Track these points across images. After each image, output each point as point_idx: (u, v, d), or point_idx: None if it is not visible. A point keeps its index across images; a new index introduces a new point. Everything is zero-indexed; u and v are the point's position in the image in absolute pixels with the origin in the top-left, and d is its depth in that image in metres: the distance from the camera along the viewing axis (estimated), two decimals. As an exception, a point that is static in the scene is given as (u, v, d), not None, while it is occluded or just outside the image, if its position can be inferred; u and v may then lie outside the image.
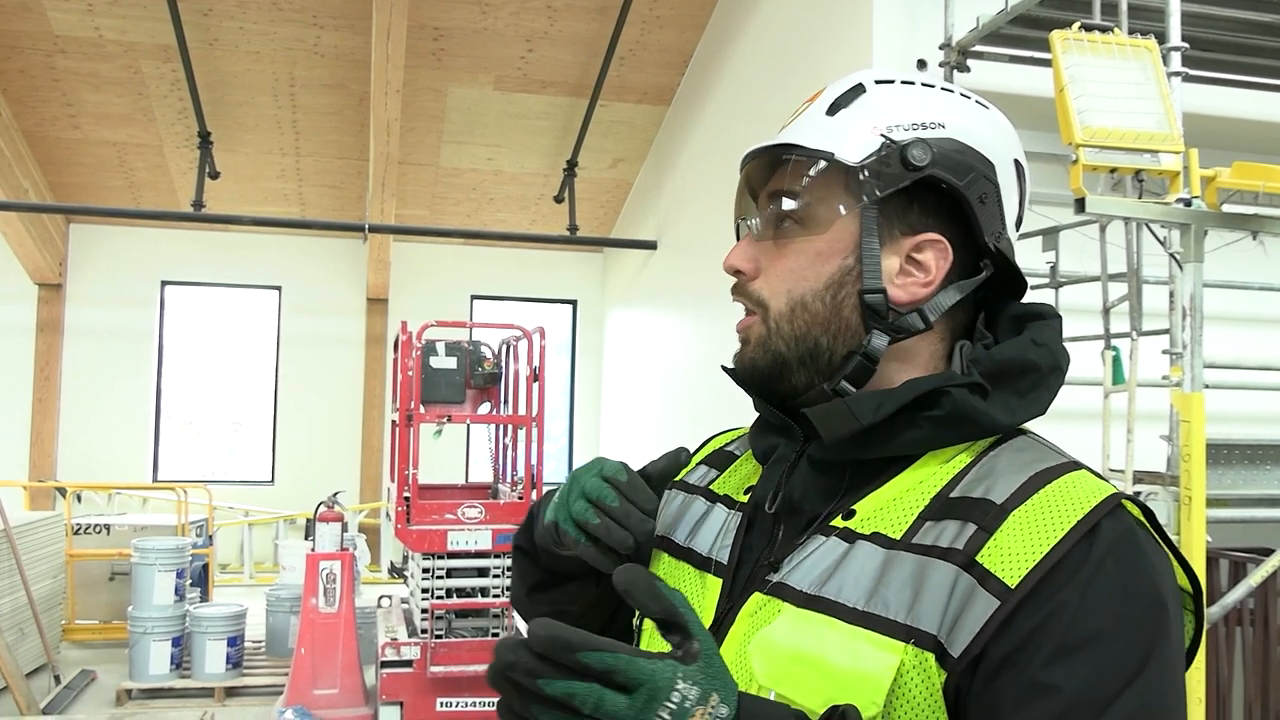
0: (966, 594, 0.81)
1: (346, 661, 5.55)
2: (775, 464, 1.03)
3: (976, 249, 0.98)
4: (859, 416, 0.92)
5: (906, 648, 0.82)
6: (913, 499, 0.91)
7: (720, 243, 7.66)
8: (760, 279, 1.02)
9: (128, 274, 10.98)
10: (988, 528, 0.83)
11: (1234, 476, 4.33)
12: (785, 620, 0.90)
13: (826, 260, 0.97)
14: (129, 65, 8.62)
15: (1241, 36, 5.15)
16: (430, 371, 5.99)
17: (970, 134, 0.97)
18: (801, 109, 1.03)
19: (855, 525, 0.92)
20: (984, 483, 0.88)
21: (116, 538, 7.26)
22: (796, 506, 0.98)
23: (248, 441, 11.78)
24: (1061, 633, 0.78)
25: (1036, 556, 0.80)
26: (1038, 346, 0.96)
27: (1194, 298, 3.36)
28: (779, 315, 0.99)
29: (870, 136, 0.96)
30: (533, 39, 8.61)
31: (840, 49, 6.11)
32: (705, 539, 1.08)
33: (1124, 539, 0.82)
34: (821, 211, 0.97)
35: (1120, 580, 0.80)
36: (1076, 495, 0.84)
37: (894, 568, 0.86)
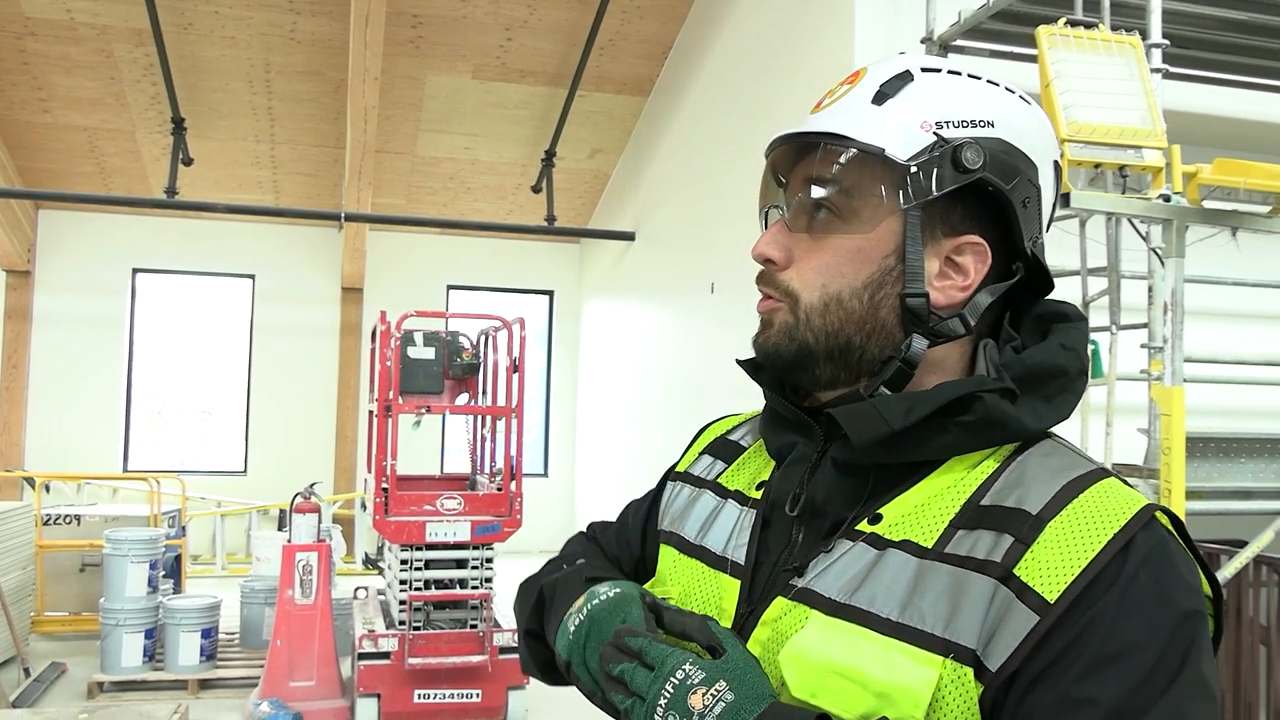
0: (1004, 607, 0.81)
1: (323, 653, 5.51)
2: (794, 463, 1.00)
3: (1011, 250, 0.97)
4: (889, 421, 0.90)
5: (945, 661, 0.81)
6: (941, 505, 0.90)
7: (699, 234, 7.65)
8: (792, 270, 0.98)
9: (98, 261, 10.84)
10: (1024, 540, 0.83)
11: (1209, 469, 4.38)
12: (815, 629, 0.89)
13: (867, 259, 0.94)
14: (101, 49, 8.49)
15: (1221, 34, 5.19)
16: (408, 362, 5.95)
17: (1017, 134, 0.95)
18: (841, 91, 0.99)
19: (883, 531, 0.91)
20: (1015, 491, 0.87)
21: (87, 528, 7.16)
22: (819, 509, 0.96)
23: (219, 431, 11.67)
24: (1097, 646, 0.78)
25: (1074, 571, 0.80)
26: (1066, 351, 0.94)
27: (1175, 293, 3.39)
28: (810, 308, 0.96)
29: (921, 133, 0.93)
30: (512, 28, 8.56)
31: (822, 42, 6.11)
32: (718, 537, 1.05)
33: (1157, 551, 0.82)
34: (865, 208, 0.94)
35: (1154, 592, 0.80)
36: (1110, 507, 0.84)
37: (928, 578, 0.85)
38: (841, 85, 0.99)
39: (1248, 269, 5.26)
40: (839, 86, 0.99)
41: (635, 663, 0.89)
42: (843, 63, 5.76)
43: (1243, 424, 5.06)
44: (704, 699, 0.84)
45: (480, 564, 5.49)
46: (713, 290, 7.78)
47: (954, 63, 0.98)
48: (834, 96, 0.99)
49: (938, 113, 0.93)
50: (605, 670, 0.92)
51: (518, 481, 5.61)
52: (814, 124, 0.97)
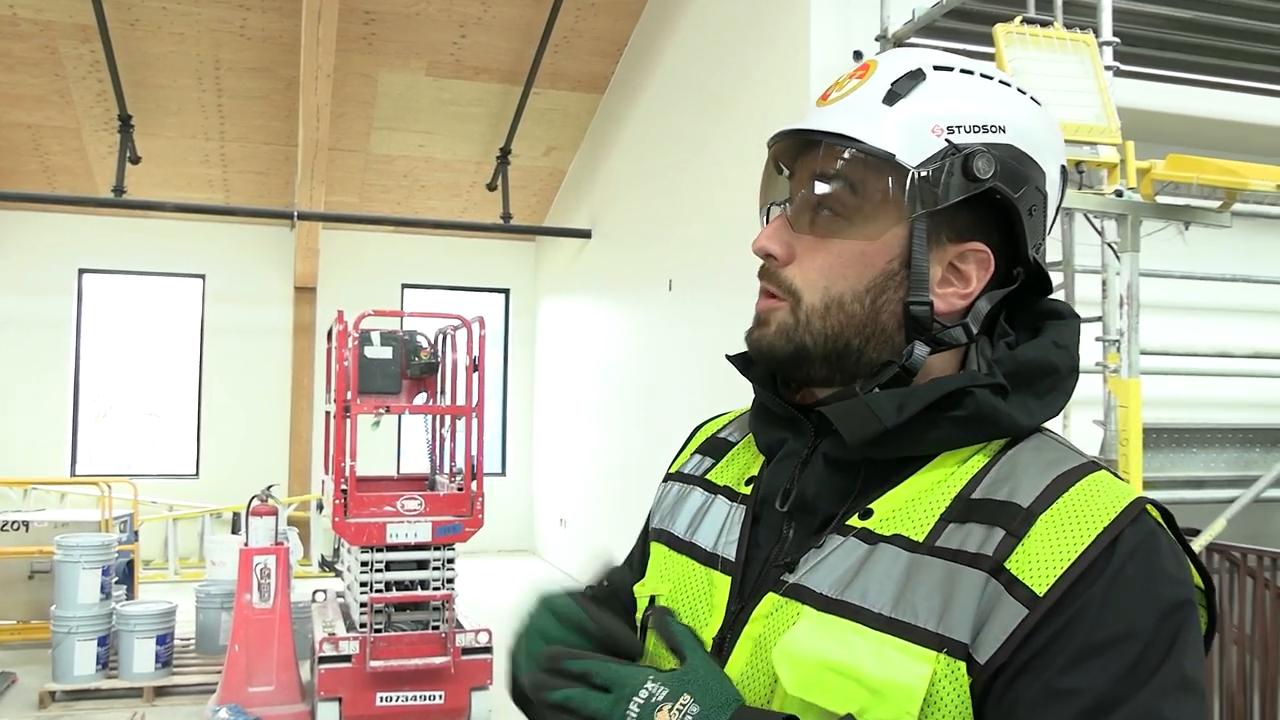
0: (994, 600, 0.81)
1: (282, 657, 5.44)
2: (785, 459, 1.00)
3: (1013, 256, 0.96)
4: (882, 419, 0.89)
5: (939, 656, 0.81)
6: (932, 500, 0.89)
7: (656, 231, 7.65)
8: (794, 266, 0.96)
9: (43, 262, 10.61)
10: (1015, 533, 0.83)
11: (1162, 459, 4.48)
12: (807, 625, 0.88)
13: (870, 263, 0.93)
14: (45, 45, 8.31)
15: (1170, 33, 5.30)
16: (365, 362, 5.89)
17: (1029, 140, 0.94)
18: (849, 85, 0.96)
19: (874, 526, 0.90)
20: (1006, 484, 0.87)
21: (36, 534, 7.01)
22: (810, 505, 0.95)
23: (168, 434, 11.48)
24: (1083, 637, 0.79)
25: (1064, 564, 0.80)
26: (1058, 348, 0.95)
27: (1131, 286, 3.45)
28: (811, 310, 0.95)
29: (931, 137, 0.91)
30: (466, 24, 8.51)
31: (776, 40, 6.14)
32: (708, 533, 1.05)
33: (1145, 544, 0.82)
34: (871, 211, 0.93)
35: (1141, 584, 0.80)
36: (1101, 500, 0.84)
37: (920, 572, 0.85)
38: (851, 78, 0.97)
39: (1194, 262, 5.37)
40: (848, 79, 0.97)
41: (581, 686, 0.87)
42: (798, 59, 5.79)
43: (1194, 414, 5.16)
44: (670, 715, 0.83)
45: (442, 564, 5.45)
46: (670, 287, 7.79)
47: (967, 61, 0.96)
48: (843, 90, 0.96)
49: (949, 116, 0.92)
50: (542, 699, 0.89)
51: (479, 481, 5.57)
52: (822, 120, 0.95)
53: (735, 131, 6.64)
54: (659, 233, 8.10)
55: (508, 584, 9.77)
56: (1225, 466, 4.57)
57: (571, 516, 10.34)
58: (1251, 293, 5.87)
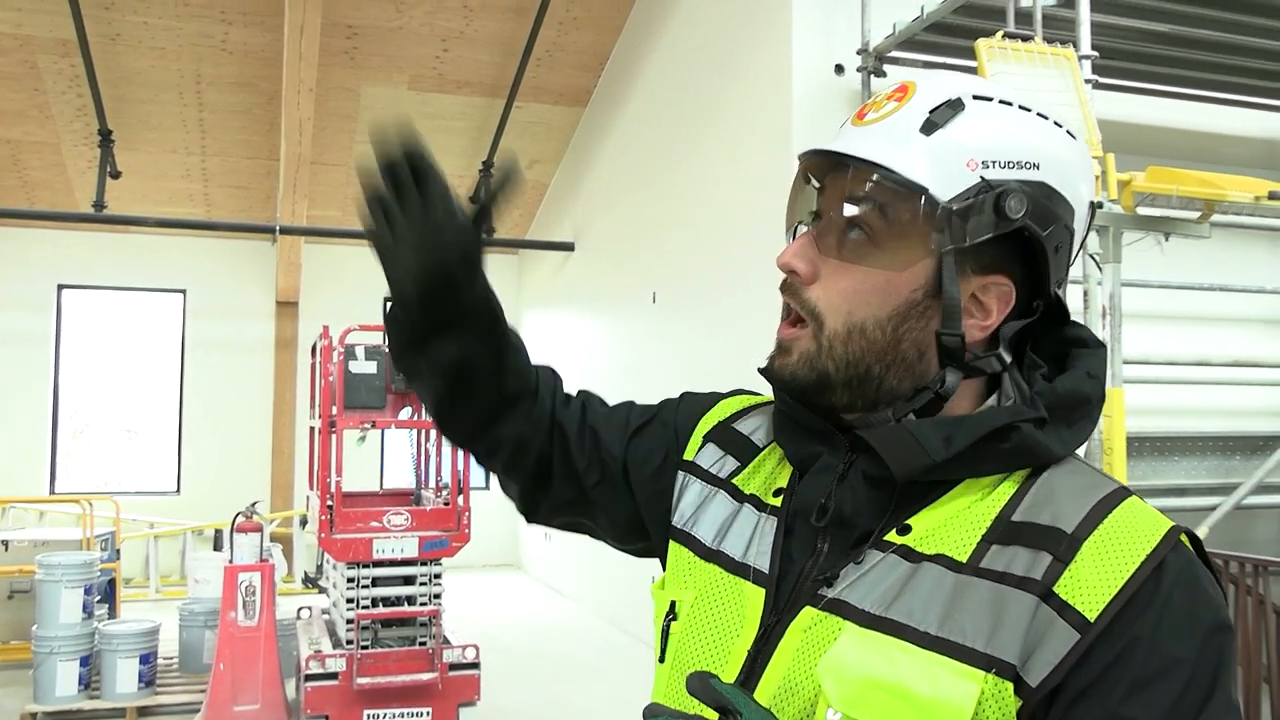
0: (1045, 624, 0.82)
1: (268, 676, 5.40)
2: (820, 474, 1.00)
3: (1034, 288, 0.97)
4: (930, 453, 0.91)
5: (987, 676, 0.83)
6: (970, 520, 0.91)
7: (639, 243, 7.67)
8: (818, 287, 0.97)
9: (22, 277, 10.53)
10: (1062, 558, 0.85)
11: (1145, 467, 4.52)
12: (850, 640, 0.89)
13: (895, 291, 0.94)
14: (25, 59, 8.27)
15: (1148, 47, 5.36)
16: (350, 377, 5.86)
17: (1061, 177, 0.94)
18: (887, 108, 0.96)
19: (914, 543, 0.92)
20: (1047, 508, 0.89)
21: (16, 553, 6.94)
22: (848, 520, 0.96)
23: (148, 451, 11.40)
24: (1139, 665, 0.81)
25: (1113, 590, 0.82)
26: (1091, 379, 0.96)
27: (1113, 296, 3.49)
28: (833, 335, 0.96)
29: (966, 171, 0.91)
30: (448, 39, 8.52)
31: (759, 54, 6.17)
32: (736, 542, 1.05)
33: (1186, 571, 0.85)
34: (900, 242, 0.94)
35: (1187, 611, 0.83)
36: (1140, 527, 0.86)
37: (966, 593, 0.86)
38: (889, 99, 0.97)
39: (1174, 272, 5.43)
40: (885, 100, 0.97)
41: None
42: (780, 73, 5.83)
43: (1175, 423, 5.21)
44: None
45: (429, 580, 5.43)
46: (654, 300, 7.80)
47: (1006, 89, 0.96)
48: (880, 113, 0.96)
49: (985, 150, 0.92)
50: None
51: (465, 496, 5.56)
52: (857, 143, 0.95)
53: (717, 144, 6.67)
54: (642, 246, 8.12)
55: (493, 599, 9.74)
56: (1206, 474, 4.62)
57: (556, 531, 10.29)
58: (1230, 302, 5.94)
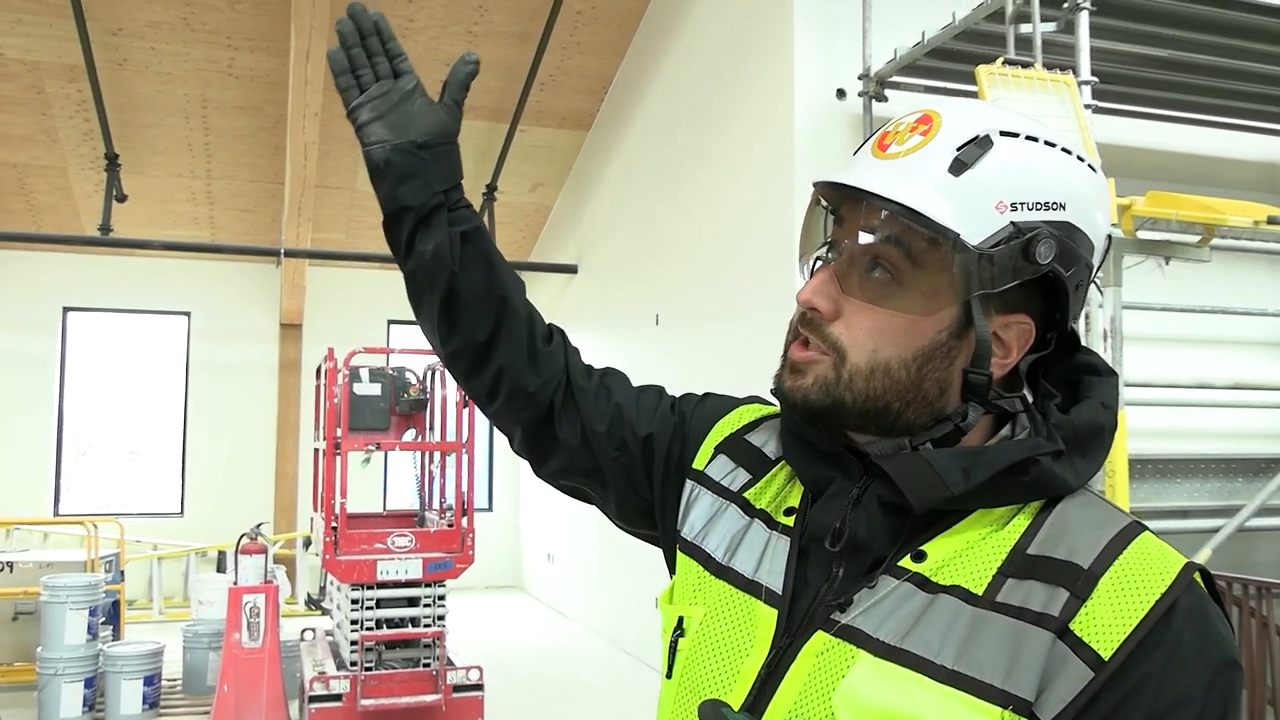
0: (1060, 661, 0.83)
1: (271, 697, 5.41)
2: (835, 497, 0.99)
3: (1050, 322, 0.97)
4: (949, 485, 0.90)
5: (1004, 714, 0.83)
6: (985, 552, 0.91)
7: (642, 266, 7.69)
8: (840, 324, 0.96)
9: (28, 299, 10.58)
10: (1079, 595, 0.85)
11: (1147, 490, 4.53)
12: (865, 670, 0.88)
13: (921, 332, 0.93)
14: (32, 85, 8.35)
15: (1147, 72, 5.41)
16: (355, 399, 5.91)
17: (1085, 216, 0.93)
18: (912, 142, 0.94)
19: (929, 572, 0.91)
20: (1063, 542, 0.89)
21: (20, 575, 6.95)
22: (863, 545, 0.96)
23: (150, 472, 11.41)
24: (1148, 703, 0.81)
25: (1127, 629, 0.83)
26: (1105, 409, 0.96)
27: (1114, 320, 3.51)
28: (855, 371, 0.95)
29: (995, 214, 0.90)
30: (452, 63, 8.56)
31: (761, 79, 6.23)
32: (747, 560, 1.05)
33: (1197, 609, 0.85)
34: (926, 285, 0.93)
35: (1196, 649, 0.83)
36: (1155, 565, 0.86)
37: (984, 627, 0.86)
38: (913, 132, 0.95)
39: (1175, 295, 5.46)
40: (909, 133, 0.95)
41: None
42: (782, 97, 5.88)
43: (1177, 445, 5.23)
44: None
45: (432, 601, 5.44)
46: (657, 322, 7.84)
47: (1030, 124, 0.94)
48: (904, 146, 0.94)
49: (1014, 191, 0.91)
50: None
51: (470, 517, 5.58)
52: (881, 181, 0.93)
53: (720, 168, 6.72)
54: (645, 268, 8.16)
55: (496, 620, 9.72)
56: (1209, 496, 4.63)
57: (559, 552, 10.32)
58: (1231, 324, 5.96)
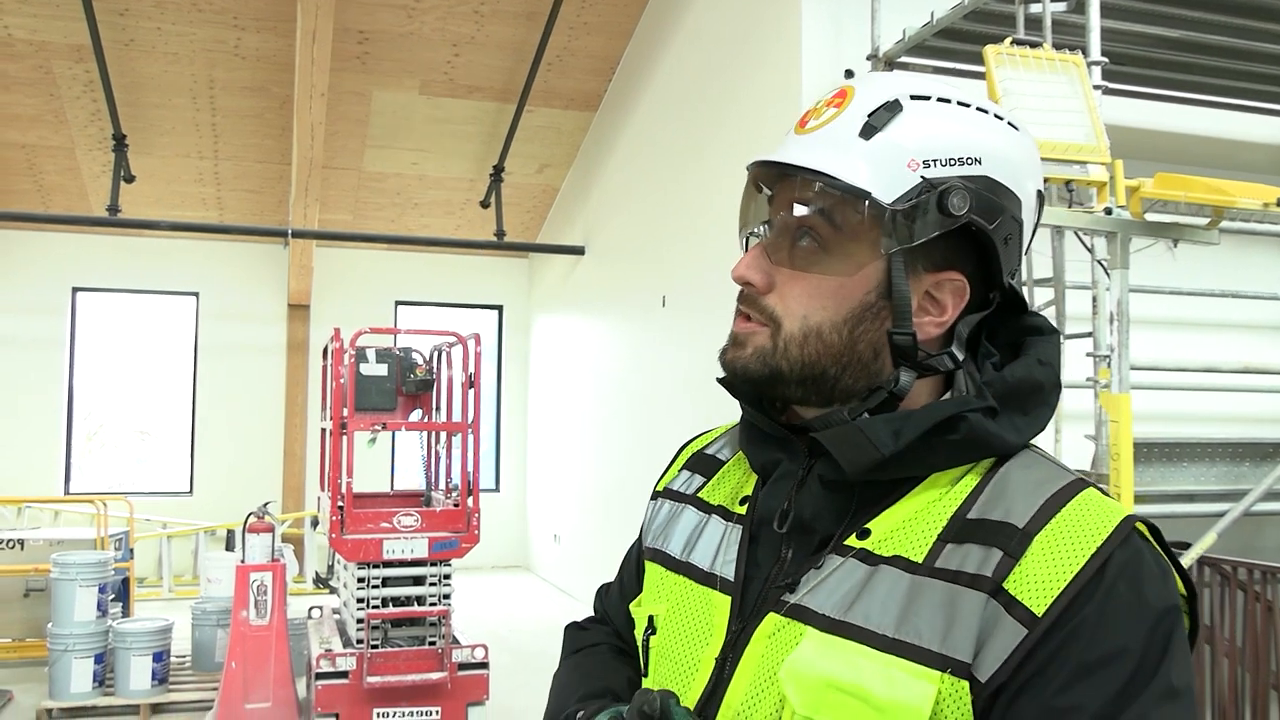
0: (993, 620, 0.83)
1: (279, 674, 5.44)
2: (780, 480, 1.00)
3: (988, 281, 0.98)
4: (879, 447, 0.91)
5: (943, 677, 0.83)
6: (928, 520, 0.91)
7: (649, 247, 7.68)
8: (774, 295, 0.98)
9: (37, 280, 10.62)
10: (1013, 554, 0.85)
11: (1153, 474, 4.52)
12: (811, 645, 0.90)
13: (848, 295, 0.95)
14: (40, 65, 8.35)
15: (1157, 52, 5.37)
16: (361, 379, 5.92)
17: (1005, 169, 0.94)
18: (827, 115, 0.96)
19: (872, 546, 0.92)
20: (1000, 504, 0.89)
21: (31, 553, 7.00)
22: (808, 525, 0.97)
23: (160, 452, 11.46)
24: (1078, 655, 0.81)
25: (1060, 584, 0.83)
26: (1043, 366, 0.97)
27: (1121, 302, 3.50)
28: (789, 338, 0.96)
29: (907, 172, 0.92)
30: (459, 44, 8.57)
31: (768, 59, 6.20)
32: (704, 553, 1.06)
33: (1133, 561, 0.85)
34: (849, 246, 0.94)
35: (1130, 600, 0.83)
36: (1092, 520, 0.86)
37: (921, 594, 0.87)
38: (828, 106, 0.97)
39: (1183, 278, 5.44)
40: (825, 107, 0.97)
41: None
42: (790, 78, 5.86)
43: (1184, 429, 5.22)
44: None
45: (438, 580, 5.46)
46: (664, 303, 7.83)
47: (945, 88, 0.96)
48: (820, 120, 0.97)
49: (925, 150, 0.92)
50: None
51: (475, 497, 5.59)
52: (798, 153, 0.95)
53: (727, 149, 6.70)
54: (652, 249, 8.15)
55: (502, 600, 9.77)
56: (1215, 480, 4.61)
57: (565, 532, 10.35)
58: (1239, 308, 5.94)
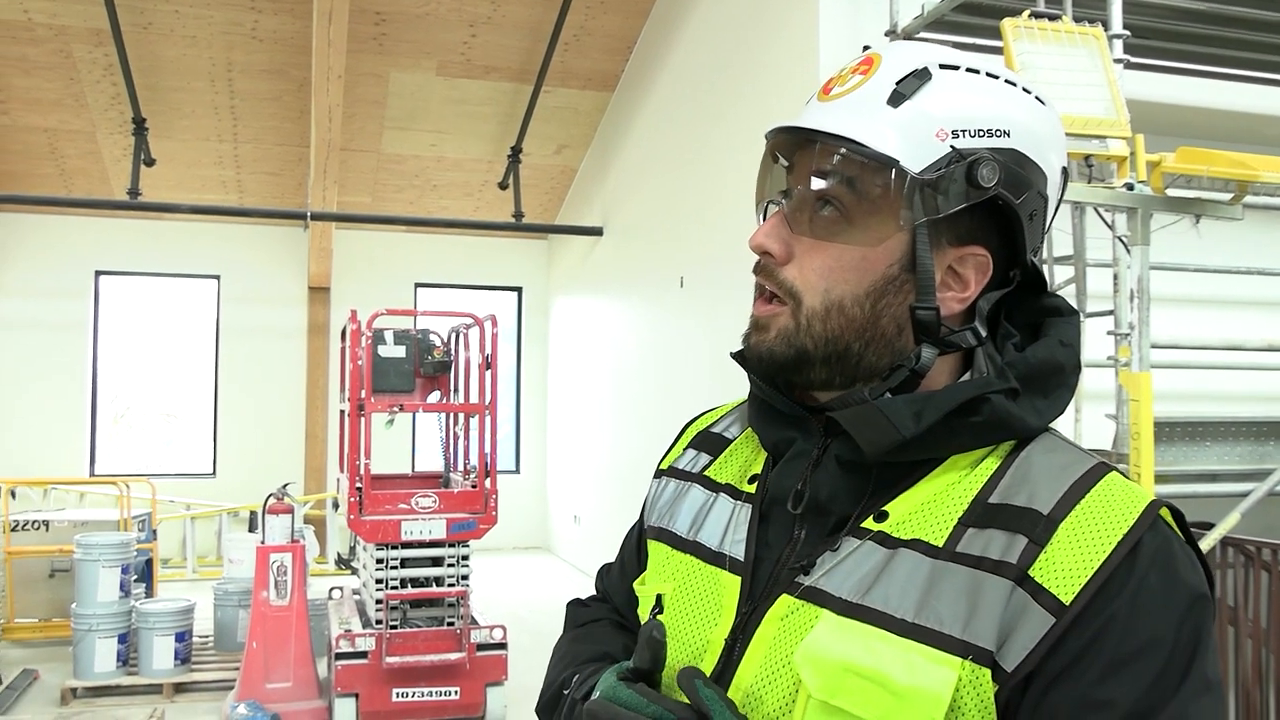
0: (1020, 609, 0.82)
1: (299, 654, 5.49)
2: (794, 459, 0.98)
3: (1010, 257, 0.96)
4: (899, 429, 0.89)
5: (964, 663, 0.82)
6: (948, 503, 0.89)
7: (667, 227, 7.65)
8: (793, 266, 0.95)
9: (60, 264, 10.70)
10: (1038, 541, 0.83)
11: (1175, 453, 4.47)
12: (827, 628, 0.88)
13: (871, 267, 0.92)
14: (60, 49, 8.38)
15: (1180, 24, 5.28)
16: (379, 360, 5.93)
17: (1032, 143, 0.92)
18: (853, 81, 0.93)
19: (890, 529, 0.90)
20: (1023, 488, 0.87)
21: (56, 534, 7.09)
22: (824, 507, 0.94)
23: (185, 434, 11.56)
24: (1113, 647, 0.80)
25: (1088, 572, 0.81)
26: (1064, 347, 0.95)
27: (1142, 280, 3.45)
28: (811, 313, 0.93)
29: (936, 141, 0.89)
30: (476, 24, 8.54)
31: (785, 35, 6.14)
32: (712, 531, 1.03)
33: (1163, 549, 0.83)
34: (873, 216, 0.91)
35: (1162, 591, 0.82)
36: (1117, 505, 0.85)
37: (943, 579, 0.85)
38: (854, 73, 0.94)
39: (1206, 255, 5.36)
40: (850, 74, 0.94)
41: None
42: (807, 55, 5.80)
43: (1206, 408, 5.15)
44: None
45: (456, 561, 5.48)
46: (682, 284, 7.80)
47: (973, 58, 0.94)
48: (845, 86, 0.93)
49: (954, 120, 0.90)
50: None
51: (492, 478, 5.61)
52: (823, 119, 0.92)
53: (745, 127, 6.65)
54: (670, 230, 8.11)
55: (522, 581, 9.81)
56: (1239, 460, 4.55)
57: (585, 513, 10.37)
58: (1263, 285, 5.85)
